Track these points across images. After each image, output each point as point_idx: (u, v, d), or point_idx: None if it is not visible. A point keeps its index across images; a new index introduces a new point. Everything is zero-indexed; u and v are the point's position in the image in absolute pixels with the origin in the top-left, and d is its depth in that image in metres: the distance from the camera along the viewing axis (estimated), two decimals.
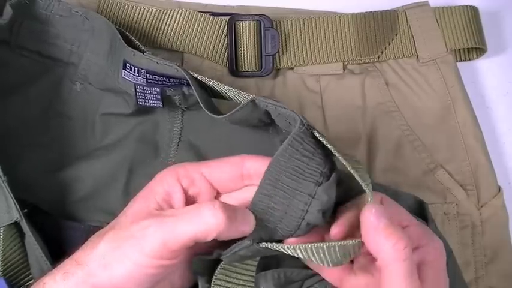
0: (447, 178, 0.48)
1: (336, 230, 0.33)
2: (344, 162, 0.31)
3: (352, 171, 0.31)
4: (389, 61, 0.50)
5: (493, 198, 0.48)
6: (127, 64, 0.40)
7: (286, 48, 0.48)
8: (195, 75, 0.38)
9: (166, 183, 0.34)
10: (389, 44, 0.49)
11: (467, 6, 0.50)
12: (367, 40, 0.49)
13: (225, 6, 0.50)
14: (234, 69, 0.48)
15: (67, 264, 0.32)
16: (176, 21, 0.47)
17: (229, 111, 0.35)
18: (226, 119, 0.36)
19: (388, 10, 0.50)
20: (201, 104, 0.37)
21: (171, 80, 0.40)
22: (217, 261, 0.34)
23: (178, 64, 0.38)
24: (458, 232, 0.47)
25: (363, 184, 0.31)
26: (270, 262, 0.36)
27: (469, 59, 0.52)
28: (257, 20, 0.47)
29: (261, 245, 0.31)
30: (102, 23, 0.41)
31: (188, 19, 0.47)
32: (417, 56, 0.50)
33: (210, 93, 0.40)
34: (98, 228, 0.34)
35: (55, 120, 0.43)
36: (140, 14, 0.47)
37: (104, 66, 0.42)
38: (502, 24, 0.54)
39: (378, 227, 0.31)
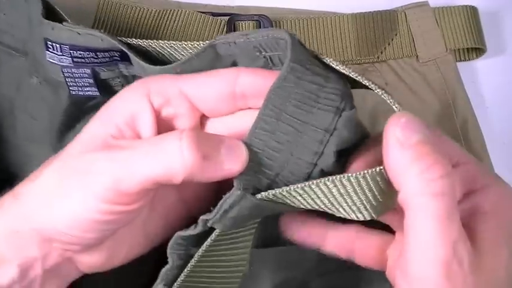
0: None
1: (360, 163, 0.24)
2: (366, 82, 0.24)
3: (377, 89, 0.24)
4: (389, 61, 0.50)
5: None
6: (48, 42, 0.32)
7: None
8: (128, 40, 0.30)
9: (132, 100, 0.26)
10: (388, 44, 0.49)
11: (466, 6, 0.50)
12: (367, 40, 0.49)
13: (224, 6, 0.50)
14: None
15: (5, 197, 0.26)
16: (176, 22, 0.47)
17: None
18: (178, 70, 0.27)
19: (387, 10, 0.50)
20: (136, 57, 0.29)
21: (99, 55, 0.32)
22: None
23: (101, 30, 0.31)
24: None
25: (389, 100, 0.24)
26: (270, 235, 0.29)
27: (469, 59, 0.52)
28: (256, 20, 0.47)
29: (258, 196, 0.23)
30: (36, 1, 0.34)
31: (188, 19, 0.47)
32: (417, 56, 0.49)
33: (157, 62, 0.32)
34: None
35: (21, 119, 0.38)
36: (140, 14, 0.47)
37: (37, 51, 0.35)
38: (501, 24, 0.54)
39: (405, 143, 0.22)
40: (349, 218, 0.24)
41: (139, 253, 0.29)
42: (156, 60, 0.31)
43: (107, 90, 0.34)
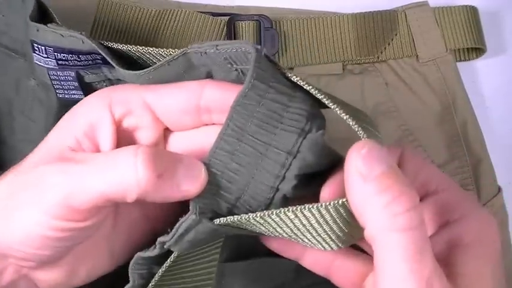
0: None
1: (327, 190, 0.23)
2: (331, 105, 0.22)
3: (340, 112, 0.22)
4: (389, 61, 0.50)
5: (493, 198, 0.48)
6: (34, 44, 0.32)
7: (286, 49, 0.48)
8: (109, 44, 0.29)
9: (92, 110, 0.25)
10: (388, 44, 0.49)
11: (466, 6, 0.50)
12: (367, 40, 0.49)
13: (224, 6, 0.50)
14: None
15: None
16: (176, 22, 0.47)
17: None
18: (150, 77, 0.26)
19: (387, 10, 0.50)
20: (112, 62, 0.28)
21: (82, 58, 0.31)
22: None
23: (83, 33, 0.30)
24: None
25: (350, 122, 0.22)
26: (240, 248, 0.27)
27: (469, 59, 0.52)
28: (256, 20, 0.47)
29: (215, 221, 0.22)
30: (30, 1, 0.33)
31: (188, 19, 0.47)
32: (417, 56, 0.49)
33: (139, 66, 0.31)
34: None
35: (19, 120, 0.38)
36: (140, 15, 0.47)
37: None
38: (502, 24, 0.54)
39: (367, 175, 0.20)
40: (315, 248, 0.23)
41: (103, 271, 0.27)
42: (135, 64, 0.30)
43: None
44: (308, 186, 0.23)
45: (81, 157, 0.23)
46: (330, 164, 0.24)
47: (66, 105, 0.33)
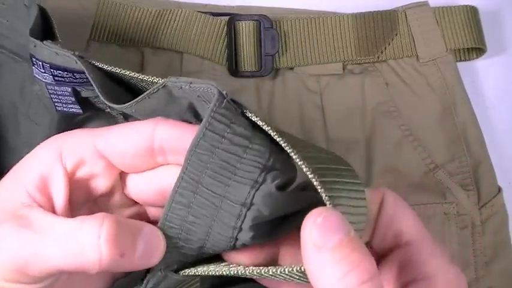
0: (447, 178, 0.48)
1: (286, 257, 0.23)
2: (287, 148, 0.21)
3: (298, 159, 0.21)
4: (389, 61, 0.50)
5: (493, 198, 0.48)
6: (33, 59, 0.32)
7: (286, 49, 0.48)
8: (99, 64, 0.29)
9: (42, 163, 0.24)
10: (389, 44, 0.49)
11: (466, 6, 0.50)
12: (367, 40, 0.49)
13: (224, 6, 0.50)
14: (234, 69, 0.48)
15: None
16: (176, 22, 0.47)
17: None
18: (133, 110, 0.27)
19: (387, 10, 0.50)
20: (98, 92, 0.27)
21: (77, 76, 0.31)
22: None
23: (76, 53, 0.30)
24: (458, 232, 0.47)
25: (314, 181, 0.21)
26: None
27: (469, 59, 0.52)
28: (257, 20, 0.47)
29: (181, 273, 0.23)
30: (34, 7, 0.33)
31: (188, 19, 0.47)
32: (417, 56, 0.49)
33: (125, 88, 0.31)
34: None
35: (24, 124, 0.38)
36: (140, 14, 0.47)
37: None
38: (502, 24, 0.54)
39: (322, 246, 0.19)
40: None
41: None
42: (128, 84, 0.30)
43: (90, 107, 0.34)
44: (276, 231, 0.22)
45: (39, 224, 0.22)
46: (305, 204, 0.23)
47: (64, 117, 0.35)
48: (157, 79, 0.26)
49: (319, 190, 0.21)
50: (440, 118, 0.49)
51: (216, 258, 0.25)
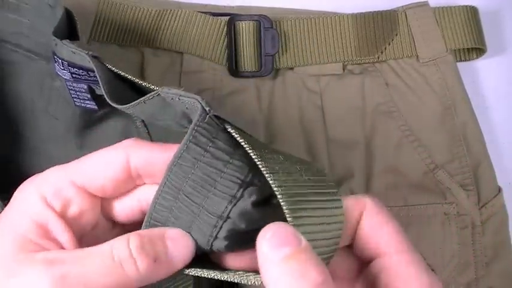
0: (447, 178, 0.48)
1: (236, 260, 0.24)
2: (262, 168, 0.22)
3: (270, 179, 0.22)
4: (389, 61, 0.50)
5: (493, 198, 0.48)
6: (55, 56, 0.34)
7: (286, 49, 0.48)
8: (110, 66, 0.31)
9: (32, 210, 0.24)
10: (389, 44, 0.49)
11: (467, 6, 0.50)
12: (367, 40, 0.49)
13: (224, 6, 0.50)
14: (234, 69, 0.48)
15: None
16: (176, 22, 0.47)
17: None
18: (132, 111, 0.29)
19: (387, 10, 0.50)
20: (103, 90, 0.29)
21: (91, 74, 0.33)
22: None
23: (91, 53, 0.31)
24: (458, 232, 0.47)
25: (278, 195, 0.22)
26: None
27: (469, 59, 0.52)
28: (257, 20, 0.47)
29: (187, 271, 0.24)
30: (60, 8, 0.35)
31: (188, 19, 0.47)
32: (417, 56, 0.49)
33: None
34: None
35: (42, 119, 0.40)
36: (140, 15, 0.47)
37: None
38: (502, 24, 0.54)
39: (272, 259, 0.21)
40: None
41: None
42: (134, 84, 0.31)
43: (106, 105, 0.34)
44: (254, 240, 0.23)
45: (69, 257, 0.23)
46: (281, 219, 0.24)
47: (86, 111, 0.37)
48: (153, 86, 0.27)
49: (282, 204, 0.22)
50: (440, 118, 0.49)
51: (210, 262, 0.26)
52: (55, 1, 0.36)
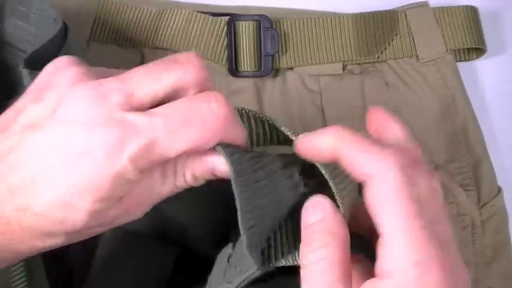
0: (447, 178, 0.48)
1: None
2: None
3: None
4: (389, 61, 0.50)
5: (493, 198, 0.48)
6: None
7: (286, 49, 0.48)
8: None
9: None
10: (389, 44, 0.49)
11: (467, 6, 0.50)
12: (367, 40, 0.49)
13: (224, 6, 0.50)
14: (234, 69, 0.48)
15: None
16: (176, 22, 0.47)
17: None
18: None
19: (387, 10, 0.50)
20: None
21: None
22: None
23: None
24: (458, 232, 0.47)
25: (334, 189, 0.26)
26: None
27: (469, 59, 0.52)
28: (257, 20, 0.47)
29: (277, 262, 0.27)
30: (59, 21, 0.37)
31: (188, 19, 0.47)
32: (417, 56, 0.49)
33: None
34: None
35: None
36: (140, 14, 0.47)
37: None
38: (502, 24, 0.54)
39: (303, 225, 0.26)
40: None
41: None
42: None
43: None
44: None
45: (161, 111, 0.25)
46: None
47: None
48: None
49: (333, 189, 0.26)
50: (440, 118, 0.49)
51: None
52: (57, 15, 0.37)
